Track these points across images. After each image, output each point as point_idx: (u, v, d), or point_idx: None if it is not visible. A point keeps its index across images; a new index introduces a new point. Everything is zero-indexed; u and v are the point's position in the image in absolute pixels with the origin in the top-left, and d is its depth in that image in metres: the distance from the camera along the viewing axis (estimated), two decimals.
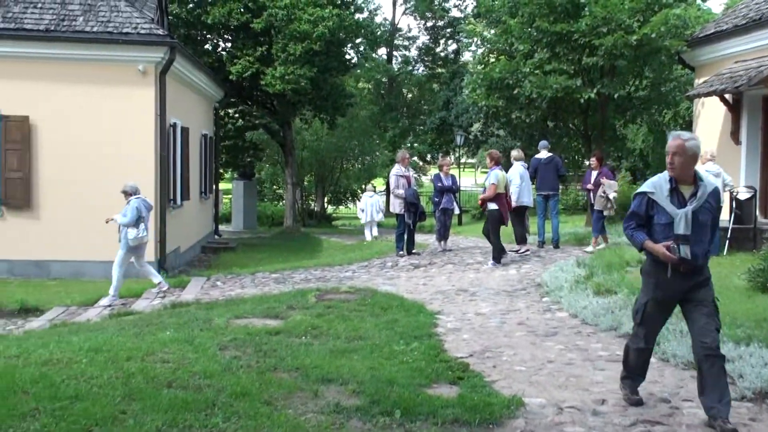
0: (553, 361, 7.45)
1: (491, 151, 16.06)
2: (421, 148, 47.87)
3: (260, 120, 32.94)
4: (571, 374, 6.98)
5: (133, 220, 13.38)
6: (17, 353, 7.69)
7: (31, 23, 15.91)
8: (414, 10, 47.94)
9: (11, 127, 15.91)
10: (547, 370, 7.11)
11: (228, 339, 8.03)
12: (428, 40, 49.38)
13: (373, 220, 23.43)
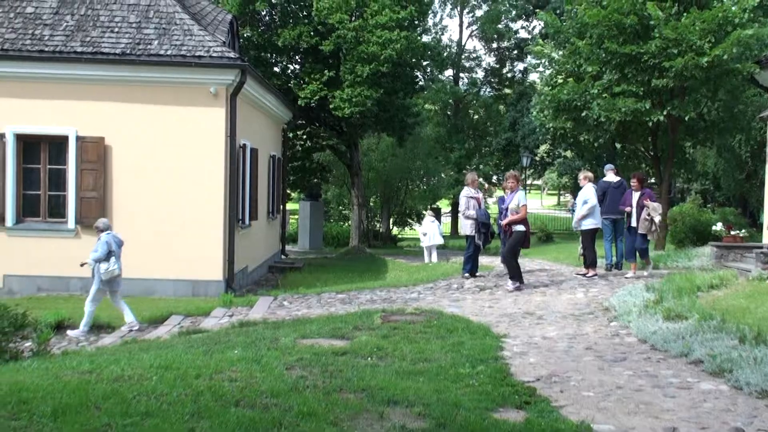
0: (622, 387, 7.33)
1: (513, 172, 15.52)
2: (486, 169, 47.72)
3: (327, 141, 33.25)
4: (641, 401, 6.85)
5: (104, 254, 13.35)
6: (90, 369, 7.86)
7: (108, 47, 16.37)
8: (481, 32, 47.93)
9: (87, 148, 16.35)
10: (616, 396, 6.99)
11: (294, 359, 8.08)
12: (494, 62, 49.31)
13: (434, 245, 23.65)
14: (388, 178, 40.32)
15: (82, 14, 16.98)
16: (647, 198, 15.56)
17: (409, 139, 34.83)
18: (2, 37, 16.38)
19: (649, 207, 15.31)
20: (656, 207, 15.45)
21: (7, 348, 10.41)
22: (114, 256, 13.44)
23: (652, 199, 15.72)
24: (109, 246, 13.42)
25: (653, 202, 15.61)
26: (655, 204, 15.51)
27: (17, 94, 16.35)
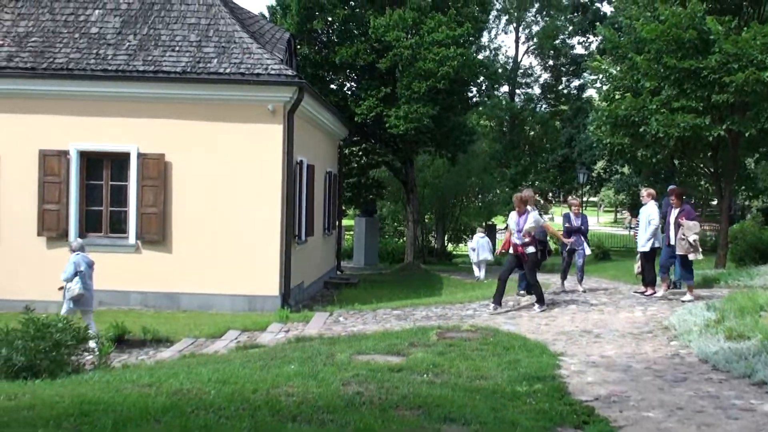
0: (682, 408, 7.20)
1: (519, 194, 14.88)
2: (542, 186, 47.41)
3: (383, 158, 33.37)
4: (703, 422, 6.72)
5: (71, 275, 13.27)
6: (149, 382, 7.98)
7: (169, 65, 16.68)
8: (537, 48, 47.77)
9: (148, 165, 16.66)
10: (677, 418, 6.87)
11: (350, 375, 8.10)
12: (550, 78, 49.07)
13: (483, 260, 23.78)
14: (443, 194, 40.29)
15: (144, 34, 17.34)
16: (684, 216, 14.76)
17: (464, 156, 34.78)
18: (67, 57, 16.81)
19: (683, 226, 14.56)
20: (691, 225, 14.63)
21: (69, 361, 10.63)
22: (80, 277, 13.31)
23: (690, 217, 14.88)
24: (77, 266, 13.33)
25: (691, 219, 14.80)
26: (690, 222, 14.68)
27: (81, 112, 16.74)
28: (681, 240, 14.59)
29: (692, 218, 14.90)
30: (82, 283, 13.24)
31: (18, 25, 17.60)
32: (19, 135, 16.76)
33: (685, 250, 14.60)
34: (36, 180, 16.72)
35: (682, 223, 14.58)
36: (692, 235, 14.50)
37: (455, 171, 38.09)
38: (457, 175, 39.11)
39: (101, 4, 17.98)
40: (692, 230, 14.53)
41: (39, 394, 7.60)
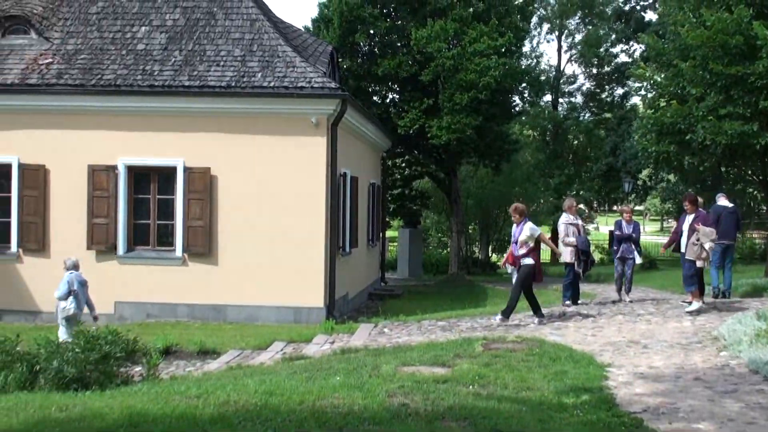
0: (733, 419, 7.09)
1: (517, 204, 14.56)
2: (587, 195, 46.96)
3: (426, 169, 33.37)
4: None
5: (65, 293, 13.33)
6: (197, 394, 8.07)
7: (214, 80, 16.90)
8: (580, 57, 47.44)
9: (194, 178, 16.87)
10: (728, 429, 6.77)
11: (396, 386, 8.10)
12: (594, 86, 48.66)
13: None
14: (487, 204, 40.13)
15: (189, 49, 17.59)
16: (700, 221, 14.20)
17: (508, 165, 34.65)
18: (115, 74, 17.11)
19: (699, 231, 13.98)
20: (707, 232, 14.01)
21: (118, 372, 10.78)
22: (73, 296, 13.38)
23: (707, 223, 14.29)
24: (70, 285, 13.41)
25: (708, 226, 14.20)
26: (707, 229, 14.08)
27: (129, 128, 17.03)
28: (693, 245, 14.04)
29: (709, 224, 14.36)
30: (76, 303, 13.31)
31: (67, 42, 17.95)
32: (68, 150, 17.08)
33: (695, 256, 14.05)
34: (85, 194, 17.02)
35: (698, 229, 14.02)
36: (708, 242, 13.94)
37: (499, 181, 37.94)
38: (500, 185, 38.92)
39: (148, 21, 18.28)
40: (708, 236, 13.97)
41: (89, 406, 7.73)
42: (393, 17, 29.37)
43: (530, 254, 13.80)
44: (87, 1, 18.83)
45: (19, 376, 10.09)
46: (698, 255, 13.98)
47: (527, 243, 13.73)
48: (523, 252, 13.74)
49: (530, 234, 13.71)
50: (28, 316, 17.02)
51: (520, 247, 13.77)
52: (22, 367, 10.27)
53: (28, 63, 17.46)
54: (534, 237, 13.81)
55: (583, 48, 46.24)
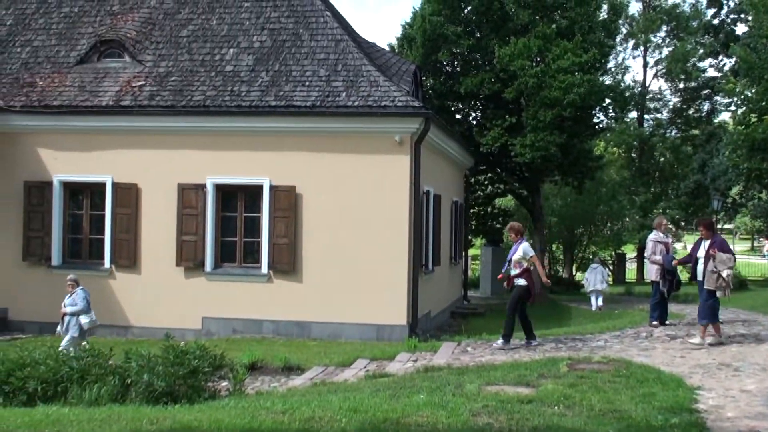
0: None
1: (513, 223, 14.41)
2: (673, 213, 45.96)
3: (509, 186, 33.19)
4: None
5: (86, 307, 13.84)
6: (283, 409, 8.18)
7: (299, 100, 17.18)
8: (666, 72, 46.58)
9: (280, 196, 17.15)
10: None
11: (480, 405, 8.08)
12: (680, 102, 47.68)
13: (597, 290, 23.82)
14: (571, 222, 39.67)
15: (275, 70, 17.93)
16: (716, 248, 13.17)
17: (592, 183, 34.19)
18: (204, 95, 17.55)
19: (715, 258, 13.03)
20: (725, 259, 13.03)
21: (206, 387, 10.98)
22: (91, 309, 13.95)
23: (724, 249, 13.26)
24: (86, 299, 13.87)
25: (726, 252, 13.18)
26: (724, 255, 13.07)
27: (217, 147, 17.43)
28: (712, 273, 13.04)
29: (726, 250, 13.31)
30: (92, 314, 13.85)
31: (159, 65, 18.51)
32: (159, 169, 17.58)
33: (714, 286, 13.06)
34: (175, 212, 17.46)
35: (714, 256, 13.06)
36: (726, 269, 12.94)
37: (582, 199, 37.47)
38: (584, 203, 38.45)
39: (235, 44, 18.72)
40: (726, 264, 12.97)
41: (179, 419, 7.91)
42: (476, 35, 29.35)
43: (524, 275, 13.61)
44: (178, 25, 19.40)
45: (112, 388, 10.37)
46: (717, 284, 13.02)
47: (520, 263, 13.58)
48: (517, 272, 13.61)
49: (523, 254, 13.58)
50: (120, 331, 17.52)
51: (513, 266, 13.65)
52: (114, 380, 10.55)
53: (122, 85, 18.06)
54: (527, 258, 13.63)
55: (670, 63, 45.41)
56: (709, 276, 13.05)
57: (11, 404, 10.11)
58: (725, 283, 12.86)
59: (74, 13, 20.24)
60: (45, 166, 18.00)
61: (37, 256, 17.97)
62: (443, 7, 28.32)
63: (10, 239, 18.07)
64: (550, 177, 31.68)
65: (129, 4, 20.23)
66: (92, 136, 17.88)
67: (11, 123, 18.00)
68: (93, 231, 18.10)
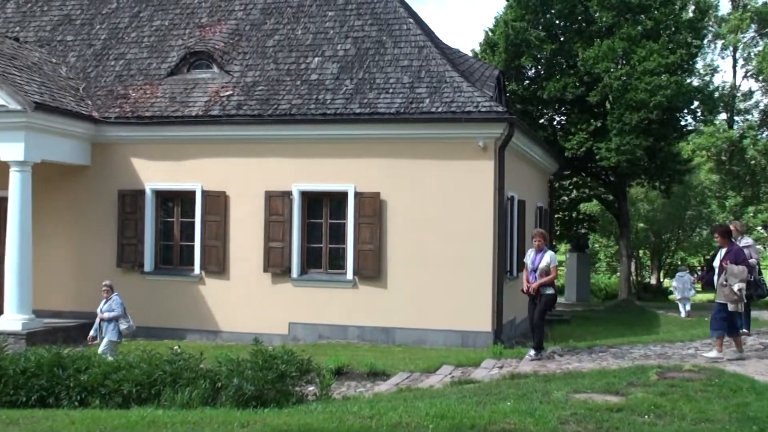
0: None
1: (540, 230, 14.16)
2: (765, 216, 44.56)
3: (594, 191, 32.74)
4: None
5: (123, 312, 14.07)
6: (370, 415, 8.27)
7: (383, 107, 17.30)
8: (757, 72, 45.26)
9: (364, 203, 17.29)
10: None
11: (568, 413, 8.02)
12: None
13: (685, 297, 23.58)
14: (659, 228, 38.89)
15: (360, 78, 18.10)
16: (730, 258, 12.60)
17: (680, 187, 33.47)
18: (290, 103, 17.84)
19: (727, 270, 12.46)
20: (737, 271, 12.39)
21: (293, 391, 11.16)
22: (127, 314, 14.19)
23: (738, 260, 12.64)
24: (122, 306, 14.13)
25: (740, 263, 12.56)
26: (735, 267, 12.45)
27: (302, 155, 17.68)
28: (722, 286, 12.52)
29: (740, 261, 12.69)
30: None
31: (246, 75, 18.89)
32: (246, 177, 17.92)
33: (726, 299, 12.51)
34: (262, 219, 17.77)
35: (726, 267, 12.52)
36: (737, 282, 12.37)
37: (670, 203, 36.71)
38: (672, 208, 37.67)
39: (320, 52, 18.97)
40: (737, 276, 12.39)
41: (269, 422, 8.08)
42: (560, 39, 29.09)
43: (549, 283, 13.57)
44: (264, 35, 19.77)
45: (203, 392, 10.62)
46: (729, 297, 12.46)
47: (547, 271, 13.48)
48: (544, 280, 13.52)
49: (549, 262, 13.50)
50: (210, 335, 17.92)
51: (539, 275, 13.52)
52: (205, 384, 10.80)
53: (211, 95, 18.50)
54: (551, 266, 13.55)
55: (760, 63, 44.13)
56: (719, 288, 12.63)
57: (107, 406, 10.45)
58: (737, 296, 12.36)
59: (164, 26, 20.83)
60: (138, 175, 18.57)
61: (131, 263, 18.53)
62: (525, 12, 28.17)
63: (105, 246, 18.68)
64: (637, 181, 31.16)
65: (217, 16, 20.70)
66: (182, 146, 18.36)
67: (106, 134, 18.63)
68: (183, 238, 18.57)
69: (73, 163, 18.54)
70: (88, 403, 10.61)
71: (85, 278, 18.52)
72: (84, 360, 11.48)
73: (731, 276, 12.42)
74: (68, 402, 10.63)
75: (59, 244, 18.84)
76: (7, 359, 11.54)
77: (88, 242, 18.83)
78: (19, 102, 16.50)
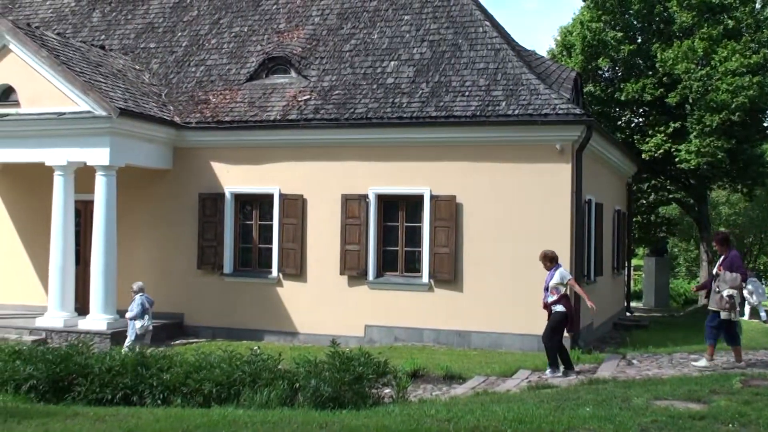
0: None
1: (546, 251, 13.83)
2: None
3: (673, 194, 32.14)
4: None
5: (139, 313, 15.05)
6: (447, 418, 8.30)
7: (459, 110, 17.29)
8: None
9: (440, 206, 17.30)
10: None
11: (649, 420, 7.93)
12: None
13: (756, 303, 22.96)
14: (741, 232, 37.97)
15: (435, 81, 18.13)
16: (724, 265, 12.60)
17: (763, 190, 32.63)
18: (366, 107, 17.97)
19: (719, 277, 12.47)
20: (728, 279, 12.39)
21: (370, 393, 11.24)
22: (147, 314, 15.13)
23: (733, 267, 12.56)
24: (143, 306, 15.07)
25: (734, 270, 12.50)
26: (728, 275, 12.43)
27: (378, 158, 17.78)
28: (715, 293, 12.55)
29: (735, 269, 12.61)
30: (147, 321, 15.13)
31: (323, 79, 19.10)
32: (323, 180, 18.11)
33: (718, 306, 12.54)
34: (338, 222, 17.94)
35: (719, 274, 12.52)
36: (727, 289, 12.36)
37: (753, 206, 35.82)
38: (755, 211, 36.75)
39: (396, 56, 19.05)
40: (728, 284, 12.40)
41: (347, 424, 8.18)
42: (637, 40, 28.66)
43: (561, 301, 13.25)
44: (341, 40, 19.96)
45: (281, 392, 10.78)
46: (720, 305, 12.47)
47: (558, 289, 13.24)
48: (554, 298, 13.26)
49: (560, 279, 13.25)
50: (287, 337, 18.15)
51: (550, 293, 13.31)
52: (284, 385, 10.96)
53: (289, 100, 18.75)
54: (564, 282, 13.27)
55: None
56: (712, 296, 12.67)
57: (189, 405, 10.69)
58: (728, 304, 12.35)
59: (243, 32, 21.20)
60: (218, 179, 18.94)
61: (211, 265, 18.88)
62: (603, 13, 27.85)
63: (186, 249, 19.09)
64: (718, 184, 30.48)
65: (294, 21, 20.97)
66: (261, 150, 18.64)
67: (187, 138, 19.05)
68: (261, 240, 18.86)
69: (156, 167, 19.02)
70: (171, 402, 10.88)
71: (167, 279, 18.99)
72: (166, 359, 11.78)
73: (722, 282, 12.48)
74: (151, 400, 10.92)
75: (142, 246, 19.34)
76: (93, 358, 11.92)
77: (170, 244, 19.28)
78: (104, 108, 17.02)
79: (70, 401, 11.00)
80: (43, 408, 10.22)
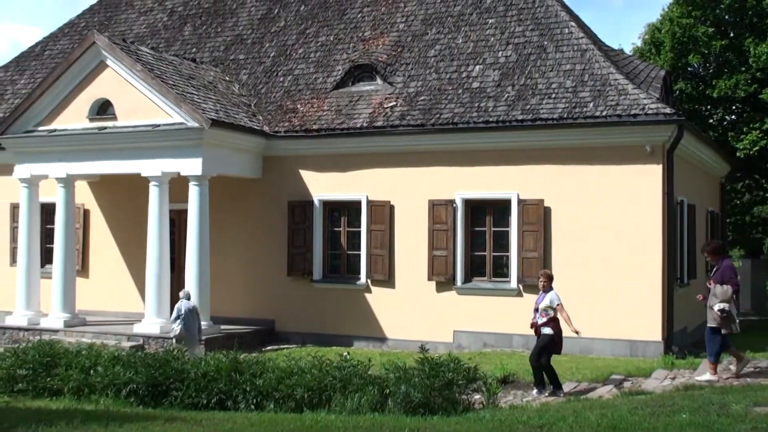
0: None
1: (546, 271, 13.67)
2: None
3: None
4: None
5: (174, 318, 15.56)
6: (539, 424, 8.29)
7: (546, 113, 17.14)
8: None
9: (528, 210, 17.19)
10: None
11: (749, 427, 7.76)
12: None
13: None
14: None
15: (521, 84, 18.02)
16: (714, 278, 12.19)
17: None
18: (452, 112, 17.98)
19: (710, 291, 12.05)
20: (719, 292, 11.95)
21: (460, 399, 11.28)
22: (180, 320, 15.37)
23: (725, 278, 12.09)
24: (178, 311, 15.43)
25: (725, 283, 12.03)
26: (719, 287, 12.00)
27: (464, 163, 17.78)
28: (710, 309, 12.09)
29: (726, 281, 12.10)
30: (183, 325, 15.35)
31: (408, 86, 19.19)
32: (410, 186, 18.20)
33: (714, 321, 12.08)
34: (426, 228, 17.99)
35: (710, 287, 12.09)
36: (718, 303, 11.89)
37: None
38: None
39: (481, 60, 19.01)
40: (719, 297, 11.92)
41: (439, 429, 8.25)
42: (729, 35, 27.94)
43: (550, 324, 12.98)
44: (426, 46, 20.02)
45: (371, 398, 10.91)
46: (717, 320, 12.06)
47: (547, 311, 12.98)
48: (543, 321, 13.00)
49: (549, 303, 12.99)
50: (376, 343, 18.29)
51: (540, 315, 13.05)
52: (374, 390, 11.09)
53: (375, 107, 18.91)
54: (553, 307, 12.98)
55: None
56: (708, 311, 12.27)
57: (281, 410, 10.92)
58: (720, 318, 11.97)
59: (329, 41, 21.47)
60: (306, 186, 19.22)
61: (300, 271, 19.17)
62: (693, 9, 27.24)
63: (276, 255, 19.42)
64: None
65: (379, 29, 21.13)
66: (348, 157, 18.85)
67: (276, 147, 19.40)
68: (350, 247, 19.05)
69: (246, 176, 19.42)
70: (263, 407, 11.14)
71: (258, 286, 19.38)
72: (259, 365, 12.06)
73: (713, 297, 12.15)
74: (245, 405, 11.20)
75: (233, 253, 19.76)
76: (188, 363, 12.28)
77: (260, 251, 19.65)
78: (197, 119, 17.48)
79: (167, 405, 11.36)
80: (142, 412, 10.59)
